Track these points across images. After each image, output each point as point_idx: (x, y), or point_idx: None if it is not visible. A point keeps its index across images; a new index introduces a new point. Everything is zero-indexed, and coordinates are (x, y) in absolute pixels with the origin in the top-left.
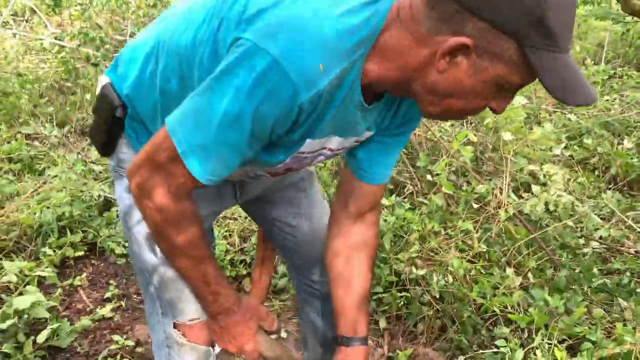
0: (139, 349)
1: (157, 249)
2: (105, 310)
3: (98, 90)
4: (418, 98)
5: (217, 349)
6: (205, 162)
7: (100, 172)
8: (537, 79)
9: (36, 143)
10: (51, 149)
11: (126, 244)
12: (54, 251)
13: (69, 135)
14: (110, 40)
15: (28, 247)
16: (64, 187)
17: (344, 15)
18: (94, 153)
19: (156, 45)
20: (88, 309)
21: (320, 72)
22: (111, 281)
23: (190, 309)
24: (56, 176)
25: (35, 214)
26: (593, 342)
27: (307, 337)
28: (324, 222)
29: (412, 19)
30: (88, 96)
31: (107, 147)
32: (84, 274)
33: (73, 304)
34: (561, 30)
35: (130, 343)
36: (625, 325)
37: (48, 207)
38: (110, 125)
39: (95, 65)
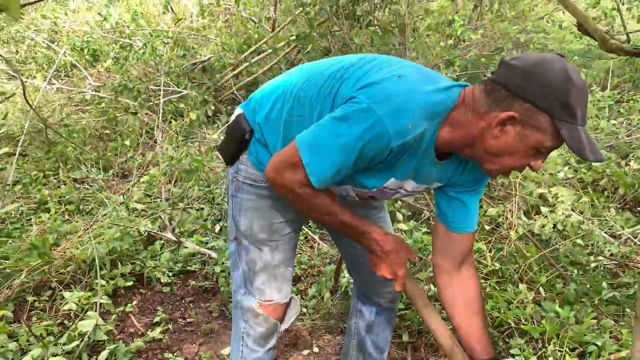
0: None
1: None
2: (155, 333)
3: (233, 117)
4: (479, 158)
5: (284, 326)
6: (320, 172)
7: (142, 210)
8: (564, 144)
9: (84, 186)
10: (98, 190)
11: (170, 273)
12: (107, 282)
13: (112, 177)
14: (145, 90)
15: (83, 279)
16: (114, 224)
17: (431, 92)
18: (137, 193)
19: (283, 93)
20: (140, 333)
21: (409, 128)
22: (158, 307)
23: (270, 292)
24: (106, 214)
25: (88, 249)
26: (598, 346)
27: (349, 351)
28: None
29: (474, 101)
30: (128, 142)
31: (233, 159)
32: (134, 302)
33: (126, 328)
34: (580, 110)
35: (181, 359)
36: (631, 331)
37: (100, 243)
38: (239, 144)
39: (135, 113)
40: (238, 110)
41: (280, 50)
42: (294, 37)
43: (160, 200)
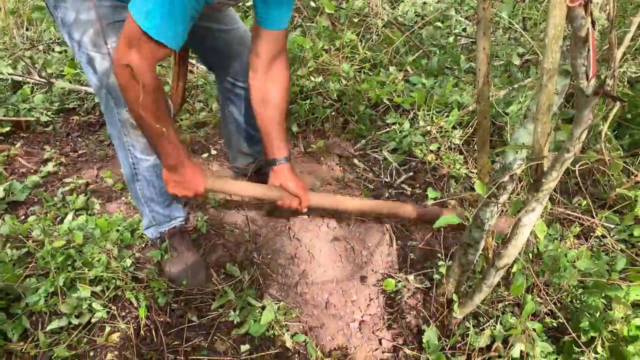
0: (91, 186)
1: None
2: (49, 167)
3: None
4: None
5: None
6: (164, 31)
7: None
8: None
9: None
10: None
11: (49, 112)
12: None
13: None
14: None
15: None
16: None
17: None
18: None
19: None
20: (32, 170)
21: None
22: (45, 147)
23: None
24: None
25: None
26: (459, 102)
27: (231, 137)
28: (247, 31)
29: None
30: None
31: None
32: (18, 145)
33: (16, 170)
34: None
35: (82, 181)
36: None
37: None
38: None
39: None
40: None
41: None
42: None
43: (15, 40)
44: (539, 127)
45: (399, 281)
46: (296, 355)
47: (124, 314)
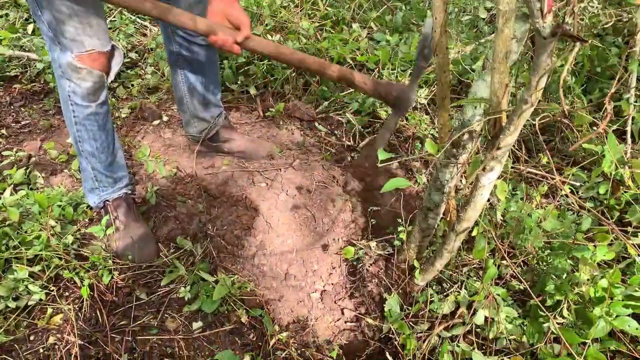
0: (33, 159)
1: None
2: None
3: None
4: None
5: (111, 77)
6: None
7: None
8: None
9: None
10: None
11: None
12: None
13: None
14: None
15: None
16: None
17: None
18: None
19: None
20: None
21: None
22: None
23: (88, 41)
24: None
25: None
26: None
27: (184, 101)
28: None
29: None
30: None
31: None
32: None
33: None
34: None
35: (23, 154)
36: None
37: None
38: None
39: None
40: None
41: None
42: None
43: None
44: (495, 77)
45: (361, 248)
46: (252, 331)
47: (66, 294)
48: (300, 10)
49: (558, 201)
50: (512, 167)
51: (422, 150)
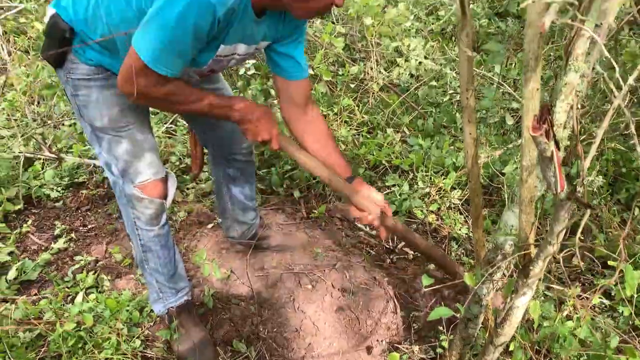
0: (100, 263)
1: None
2: (60, 244)
3: (47, 19)
4: (289, 6)
5: (169, 201)
6: (165, 63)
7: (11, 136)
8: None
9: None
10: None
11: (58, 188)
12: None
13: None
14: None
15: None
16: None
17: None
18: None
19: None
20: (43, 248)
21: None
22: (55, 222)
23: (146, 172)
24: None
25: None
26: (455, 163)
27: (226, 208)
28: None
29: None
30: None
31: (60, 61)
32: (29, 222)
33: (28, 247)
34: None
35: (92, 258)
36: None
37: None
38: (61, 45)
39: None
40: (50, 11)
41: None
42: None
43: (27, 120)
44: (523, 217)
45: (404, 353)
46: None
47: None
48: (340, 118)
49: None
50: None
51: (458, 250)
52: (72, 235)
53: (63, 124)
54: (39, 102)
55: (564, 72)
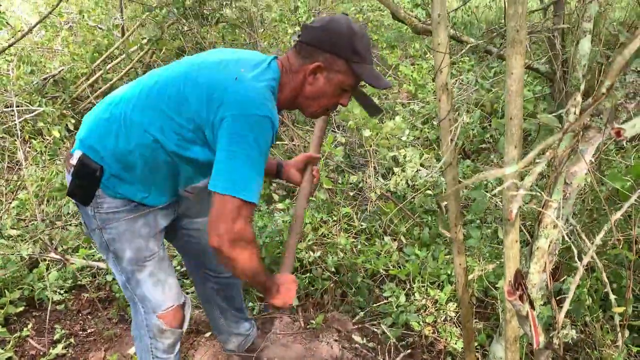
0: None
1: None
2: (58, 349)
3: (75, 161)
4: (302, 105)
5: (185, 326)
6: (258, 188)
7: (19, 235)
8: (361, 80)
9: None
10: None
11: (61, 290)
12: None
13: None
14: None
15: None
16: None
17: (260, 75)
18: (9, 219)
19: (120, 124)
20: (41, 353)
21: (273, 109)
22: (56, 325)
23: (169, 299)
24: None
25: None
26: (449, 275)
27: (218, 322)
28: None
29: (290, 63)
30: None
31: (88, 199)
32: (29, 325)
33: (26, 352)
34: (366, 52)
35: None
36: (476, 259)
37: None
38: (92, 184)
39: None
40: (77, 153)
41: (134, 54)
42: (145, 41)
43: (37, 222)
44: (509, 355)
45: None
46: None
47: None
48: (339, 225)
49: None
50: None
51: None
52: (72, 340)
53: (70, 224)
54: (48, 201)
55: (536, 238)
